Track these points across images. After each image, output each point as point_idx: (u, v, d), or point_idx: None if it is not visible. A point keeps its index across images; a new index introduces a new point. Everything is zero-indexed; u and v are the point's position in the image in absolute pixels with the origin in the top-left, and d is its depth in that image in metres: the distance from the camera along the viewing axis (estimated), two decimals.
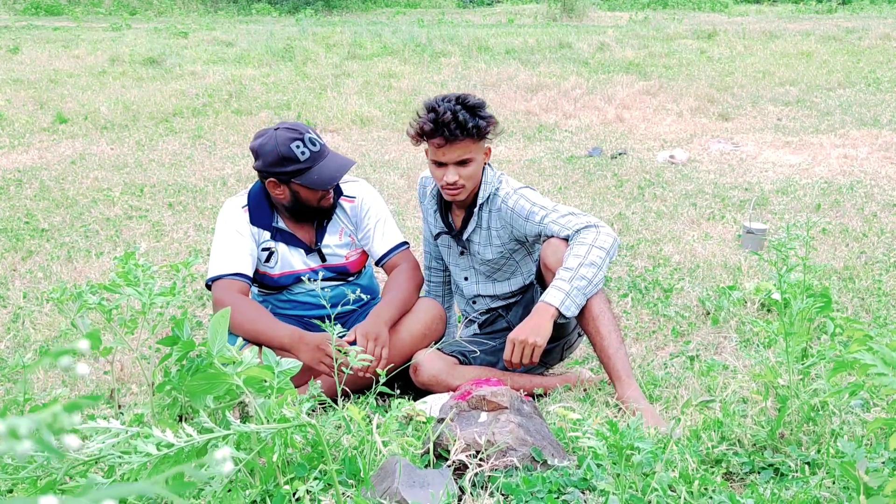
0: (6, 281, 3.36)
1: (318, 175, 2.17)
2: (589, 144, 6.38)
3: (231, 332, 2.12)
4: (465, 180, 2.22)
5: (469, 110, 2.15)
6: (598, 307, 2.14)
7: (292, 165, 2.16)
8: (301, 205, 2.25)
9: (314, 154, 2.18)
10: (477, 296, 2.49)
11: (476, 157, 2.21)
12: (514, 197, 2.26)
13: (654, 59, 10.08)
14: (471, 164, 2.21)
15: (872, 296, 3.01)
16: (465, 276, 2.47)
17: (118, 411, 1.95)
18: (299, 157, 2.16)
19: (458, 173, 2.20)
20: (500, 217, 2.31)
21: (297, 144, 2.16)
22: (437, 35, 11.72)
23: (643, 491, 1.34)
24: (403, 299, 2.27)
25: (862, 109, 7.46)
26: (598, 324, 2.13)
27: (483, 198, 2.30)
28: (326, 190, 2.23)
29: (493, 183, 2.31)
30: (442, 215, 2.42)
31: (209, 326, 1.38)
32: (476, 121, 2.15)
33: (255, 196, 2.32)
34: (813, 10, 18.14)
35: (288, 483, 1.35)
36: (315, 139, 2.20)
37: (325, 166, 2.19)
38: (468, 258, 2.44)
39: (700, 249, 3.69)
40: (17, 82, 8.61)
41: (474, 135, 2.16)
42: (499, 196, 2.30)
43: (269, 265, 2.32)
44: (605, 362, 2.15)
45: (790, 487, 1.44)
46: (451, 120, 2.12)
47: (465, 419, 1.61)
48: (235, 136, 6.82)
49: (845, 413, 1.69)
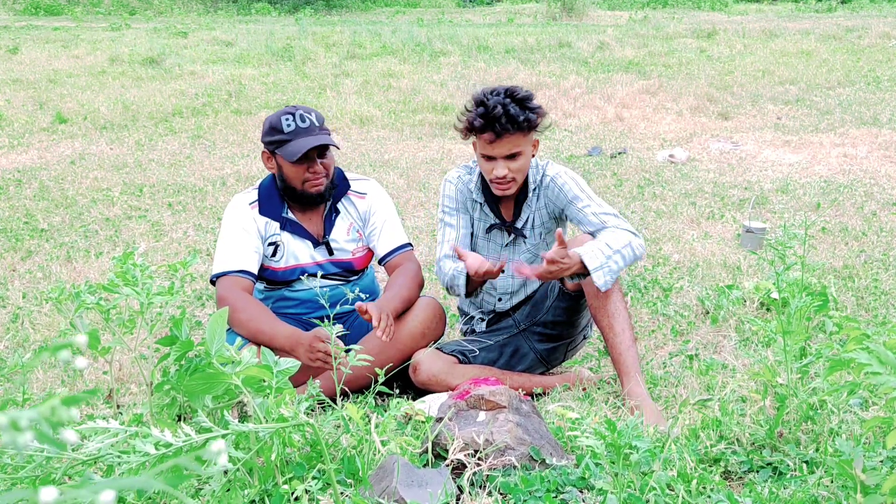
0: (6, 281, 3.36)
1: (292, 147, 2.20)
2: (588, 144, 6.38)
3: (232, 329, 2.13)
4: (514, 174, 2.21)
5: (518, 103, 2.14)
6: (615, 304, 2.15)
7: (277, 136, 2.22)
8: (286, 183, 2.28)
9: (298, 128, 2.21)
10: (509, 292, 2.46)
11: (525, 149, 2.20)
12: (564, 177, 2.29)
13: (654, 59, 10.07)
14: (520, 157, 2.20)
15: (871, 294, 3.01)
16: (503, 269, 2.45)
17: (117, 411, 1.95)
18: (284, 128, 2.21)
19: (507, 167, 2.19)
20: (547, 195, 2.32)
21: (287, 118, 2.21)
22: (437, 34, 11.72)
23: (641, 490, 1.34)
24: (406, 296, 2.27)
25: (861, 108, 7.45)
26: (612, 320, 2.15)
27: (534, 181, 2.31)
28: (310, 167, 2.22)
29: (540, 168, 2.33)
30: (492, 208, 2.38)
31: (207, 326, 1.38)
32: (526, 114, 2.14)
33: (266, 187, 2.35)
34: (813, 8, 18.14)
35: (286, 482, 1.35)
36: (308, 117, 2.23)
37: (303, 141, 2.20)
38: (511, 249, 2.40)
39: (699, 248, 3.69)
40: (16, 82, 8.61)
41: (525, 128, 2.15)
42: (548, 175, 2.31)
43: (274, 259, 2.33)
44: (614, 357, 2.16)
45: (788, 486, 1.44)
46: (503, 114, 2.11)
47: (464, 418, 1.61)
48: (235, 135, 6.82)
49: (844, 412, 1.69)
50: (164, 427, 1.25)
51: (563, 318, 2.35)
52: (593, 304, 2.19)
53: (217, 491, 1.28)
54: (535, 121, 2.17)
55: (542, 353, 2.40)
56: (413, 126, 7.22)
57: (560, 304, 2.33)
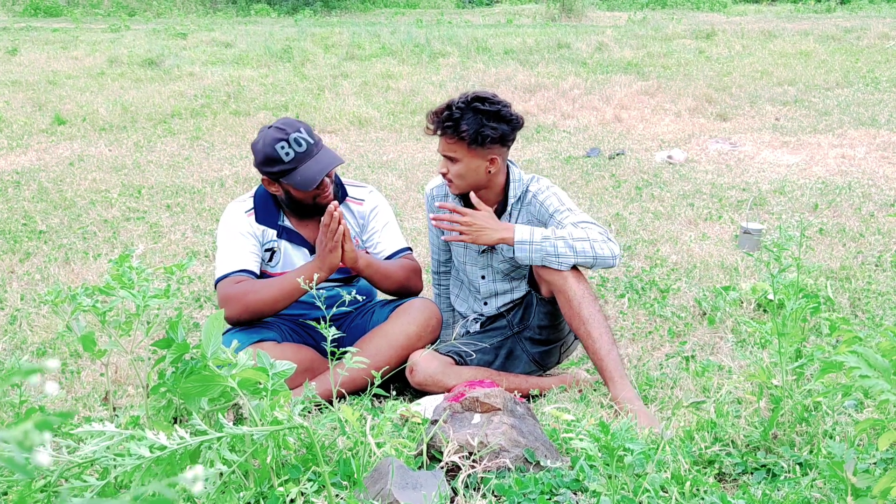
0: (4, 283, 3.36)
1: (301, 176, 2.19)
2: (587, 145, 6.38)
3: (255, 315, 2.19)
4: (452, 176, 2.24)
5: (477, 113, 2.14)
6: (588, 310, 2.14)
7: (278, 166, 2.19)
8: (296, 202, 2.27)
9: (298, 155, 2.19)
10: (493, 294, 2.48)
11: (463, 159, 2.20)
12: (545, 193, 2.30)
13: (653, 59, 10.08)
14: (458, 163, 2.21)
15: (868, 296, 3.02)
16: (483, 275, 2.47)
17: (113, 413, 1.96)
18: (283, 158, 2.18)
19: (446, 166, 2.24)
20: (529, 211, 2.34)
21: (282, 146, 2.18)
22: (436, 35, 11.72)
23: (635, 492, 1.35)
24: (390, 270, 2.33)
25: (860, 109, 7.46)
26: (588, 327, 2.14)
27: (514, 196, 2.33)
28: (318, 185, 2.24)
29: (523, 181, 2.34)
30: None
31: (204, 328, 1.38)
32: (472, 127, 2.14)
33: (262, 196, 2.35)
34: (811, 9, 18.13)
35: (281, 485, 1.36)
36: (302, 139, 2.20)
37: (309, 168, 2.19)
38: (488, 256, 2.42)
39: (697, 250, 3.69)
40: (15, 84, 8.61)
41: (463, 138, 2.16)
42: (530, 191, 2.33)
43: (271, 265, 2.34)
44: (597, 364, 2.15)
45: (782, 488, 1.45)
46: (447, 115, 2.16)
47: (459, 421, 1.62)
48: (234, 137, 6.83)
49: (838, 414, 1.70)
50: (159, 429, 1.25)
51: (547, 322, 2.36)
52: (567, 312, 2.18)
53: (212, 493, 1.29)
54: (480, 137, 2.14)
55: (535, 355, 2.40)
56: (412, 127, 7.22)
57: (541, 308, 2.35)
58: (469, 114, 2.14)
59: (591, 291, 2.19)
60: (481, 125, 2.14)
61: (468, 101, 2.16)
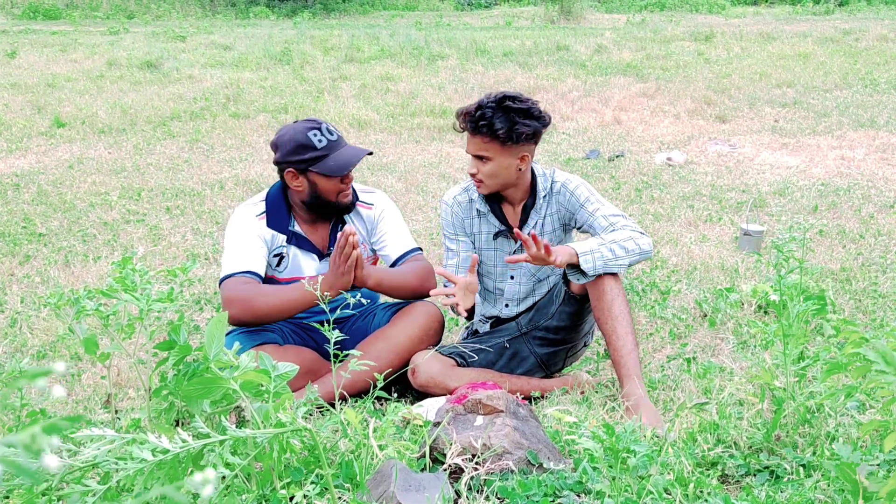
0: (4, 286, 3.36)
1: (335, 161, 2.21)
2: (586, 147, 6.38)
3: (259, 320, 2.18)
4: (482, 176, 2.25)
5: (507, 111, 2.16)
6: (619, 308, 2.16)
7: (309, 153, 2.20)
8: (319, 198, 2.27)
9: (331, 142, 2.22)
10: (516, 298, 2.48)
11: (496, 158, 2.22)
12: (574, 182, 2.33)
13: (652, 61, 10.09)
14: (489, 162, 2.22)
15: (869, 297, 3.02)
16: (512, 276, 2.46)
17: (115, 416, 1.95)
18: (316, 144, 2.20)
19: (476, 167, 2.24)
20: (558, 201, 2.35)
21: (315, 133, 2.21)
22: (435, 38, 11.73)
23: (639, 494, 1.34)
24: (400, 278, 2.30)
25: (859, 111, 7.47)
26: (615, 323, 2.16)
27: (544, 189, 2.34)
28: (344, 178, 2.24)
29: (547, 175, 2.36)
30: (497, 215, 2.40)
31: (206, 330, 1.38)
32: (506, 125, 2.16)
33: (273, 199, 2.34)
34: (810, 11, 18.17)
35: (284, 488, 1.35)
36: (332, 129, 2.26)
37: (342, 154, 2.23)
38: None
39: (697, 251, 3.69)
40: (14, 86, 8.61)
41: (498, 137, 2.17)
42: (557, 181, 2.34)
43: (278, 269, 2.33)
44: (616, 360, 2.16)
45: (785, 490, 1.44)
46: (479, 115, 2.17)
47: (462, 423, 1.62)
48: (233, 139, 6.82)
49: (841, 415, 1.70)
50: (161, 433, 1.25)
51: (567, 323, 2.35)
52: (597, 306, 2.20)
53: (214, 496, 1.28)
54: (514, 135, 2.17)
55: (542, 357, 2.40)
56: (411, 129, 7.22)
57: (566, 308, 2.34)
58: (500, 113, 2.16)
59: (624, 293, 2.21)
60: (514, 123, 2.16)
61: (498, 100, 2.18)
